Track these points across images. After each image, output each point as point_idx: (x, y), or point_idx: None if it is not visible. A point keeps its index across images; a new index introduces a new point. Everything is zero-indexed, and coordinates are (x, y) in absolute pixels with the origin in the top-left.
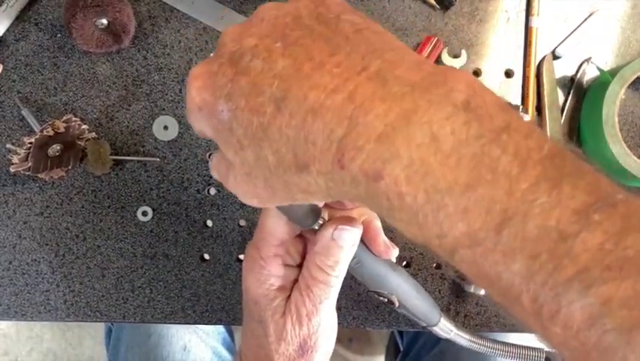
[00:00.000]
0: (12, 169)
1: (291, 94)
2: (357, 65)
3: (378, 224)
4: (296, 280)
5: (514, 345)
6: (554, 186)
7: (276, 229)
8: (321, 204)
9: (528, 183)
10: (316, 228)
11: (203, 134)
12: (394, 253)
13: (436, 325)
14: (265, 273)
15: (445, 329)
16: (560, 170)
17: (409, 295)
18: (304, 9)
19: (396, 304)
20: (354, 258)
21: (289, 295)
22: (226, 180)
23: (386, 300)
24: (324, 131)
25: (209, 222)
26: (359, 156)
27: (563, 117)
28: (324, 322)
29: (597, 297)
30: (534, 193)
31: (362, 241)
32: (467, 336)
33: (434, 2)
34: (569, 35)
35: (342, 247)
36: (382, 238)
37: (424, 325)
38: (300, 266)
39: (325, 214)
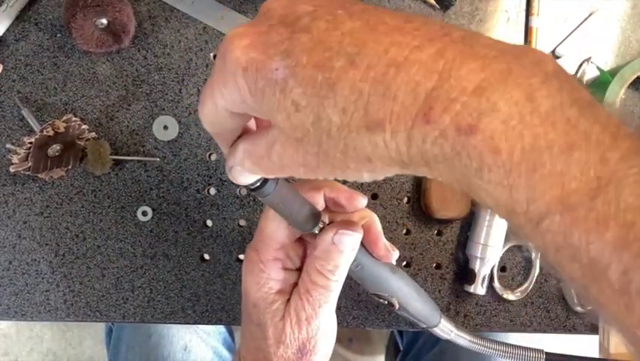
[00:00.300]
0: (12, 169)
1: (368, 48)
2: (438, 31)
3: (379, 227)
4: (295, 284)
5: (514, 346)
6: None
7: (276, 232)
8: (320, 208)
9: (620, 154)
10: (316, 232)
11: (228, 108)
12: (394, 255)
13: (436, 326)
14: (264, 276)
15: (445, 329)
16: None
17: (410, 297)
18: None
19: (397, 306)
20: (354, 261)
21: (288, 299)
22: (267, 157)
23: (386, 302)
24: (409, 84)
25: (209, 222)
26: (452, 107)
27: None
28: (323, 325)
29: None
30: (627, 163)
31: (362, 244)
32: (467, 337)
33: (434, 2)
34: (569, 35)
35: (342, 252)
36: (383, 241)
37: (425, 326)
38: (299, 270)
39: (325, 218)
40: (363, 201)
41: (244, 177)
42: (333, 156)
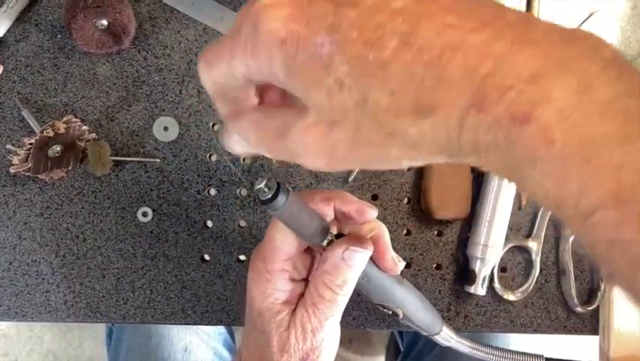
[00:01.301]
0: (12, 170)
1: (422, 28)
2: (492, 13)
3: (387, 240)
4: (301, 295)
5: (514, 352)
6: None
7: (284, 243)
8: (329, 219)
9: None
10: (325, 244)
11: (248, 76)
12: (401, 266)
13: (437, 334)
14: (271, 287)
15: (447, 337)
16: None
17: (414, 307)
18: None
19: (401, 316)
20: (361, 273)
21: (294, 309)
22: (280, 136)
23: (390, 312)
24: (465, 69)
25: (210, 223)
26: (507, 95)
27: None
28: (327, 337)
29: None
30: None
31: (370, 256)
32: (468, 343)
33: None
34: None
35: (351, 267)
36: (391, 254)
37: (426, 334)
38: (305, 280)
39: (334, 229)
40: (373, 213)
41: (241, 146)
42: (374, 142)
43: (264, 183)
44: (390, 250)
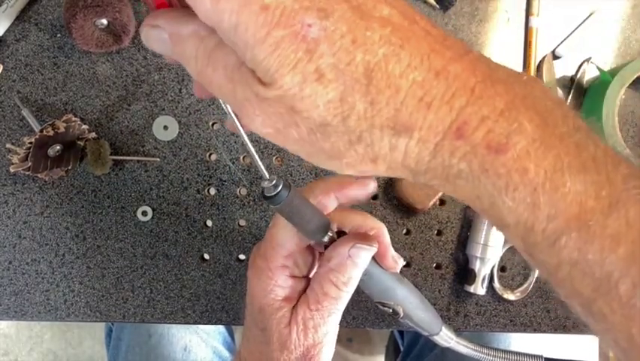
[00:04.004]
0: (12, 169)
1: (411, 47)
2: (460, 47)
3: (387, 239)
4: (302, 292)
5: (514, 352)
6: None
7: (286, 240)
8: (332, 209)
9: (621, 176)
10: (325, 240)
11: (205, 19)
12: (400, 264)
13: (437, 334)
14: (272, 283)
15: (446, 338)
16: (636, 168)
17: (414, 305)
18: None
19: (401, 314)
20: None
21: (294, 305)
22: (229, 83)
23: (391, 310)
24: (445, 96)
25: (209, 222)
26: (484, 125)
27: None
28: (329, 332)
29: None
30: (629, 184)
31: None
32: (467, 344)
33: (434, 2)
34: (569, 35)
35: (357, 265)
36: (392, 252)
37: (426, 334)
38: (305, 277)
39: (334, 226)
40: (373, 184)
41: (162, 49)
42: (334, 143)
43: (268, 181)
44: (391, 249)
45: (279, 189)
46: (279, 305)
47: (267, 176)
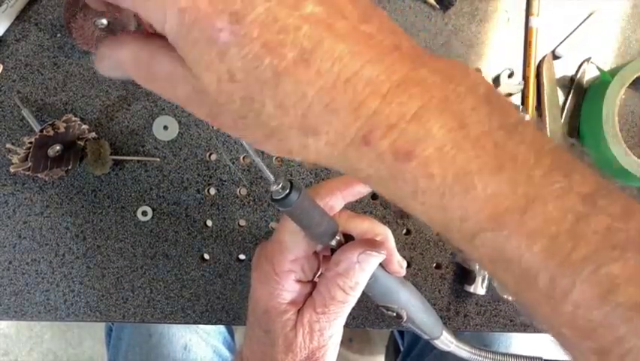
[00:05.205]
0: (12, 169)
1: (323, 50)
2: (390, 42)
3: (393, 244)
4: (307, 295)
5: (513, 355)
6: (566, 175)
7: (294, 245)
8: (339, 208)
9: (543, 171)
10: (333, 244)
11: (142, 15)
12: (404, 269)
13: (437, 338)
14: (279, 288)
15: (446, 341)
16: (567, 161)
17: (417, 309)
18: None
19: (405, 318)
20: None
21: (300, 308)
22: (168, 85)
23: (394, 314)
24: (353, 103)
25: (209, 222)
26: (391, 133)
27: (563, 117)
28: (334, 335)
29: (607, 276)
30: (550, 179)
31: None
32: (468, 348)
33: (434, 2)
34: (569, 35)
35: (364, 270)
36: (397, 257)
37: (427, 337)
38: (311, 282)
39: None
40: None
41: (117, 73)
42: (253, 132)
43: (277, 184)
44: (396, 254)
45: (288, 191)
46: (285, 308)
47: (273, 179)
